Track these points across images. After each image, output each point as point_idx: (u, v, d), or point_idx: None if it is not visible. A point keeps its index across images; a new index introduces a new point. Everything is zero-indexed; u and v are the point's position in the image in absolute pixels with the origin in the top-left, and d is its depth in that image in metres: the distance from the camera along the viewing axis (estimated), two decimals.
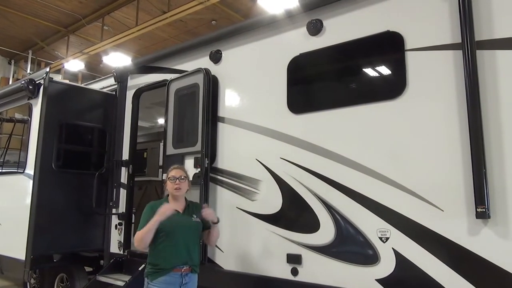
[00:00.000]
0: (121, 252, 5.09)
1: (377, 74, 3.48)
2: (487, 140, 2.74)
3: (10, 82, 15.90)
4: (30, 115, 5.36)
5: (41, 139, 4.95)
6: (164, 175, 3.35)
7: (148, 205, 3.23)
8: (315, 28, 3.71)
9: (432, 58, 3.05)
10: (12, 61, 17.07)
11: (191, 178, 4.20)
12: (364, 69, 3.54)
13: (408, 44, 3.17)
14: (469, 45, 2.84)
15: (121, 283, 4.43)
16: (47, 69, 5.26)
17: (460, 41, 2.89)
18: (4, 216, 5.59)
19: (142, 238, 2.99)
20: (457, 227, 2.78)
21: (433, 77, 3.04)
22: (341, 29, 3.58)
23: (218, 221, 3.33)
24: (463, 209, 2.78)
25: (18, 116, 6.23)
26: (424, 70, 3.08)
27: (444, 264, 2.79)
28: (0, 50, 15.99)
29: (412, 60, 3.14)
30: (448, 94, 2.94)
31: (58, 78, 5.58)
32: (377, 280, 3.07)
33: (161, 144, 7.78)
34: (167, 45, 13.26)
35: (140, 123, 5.63)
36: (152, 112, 8.07)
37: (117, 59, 13.36)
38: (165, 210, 2.99)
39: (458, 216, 2.79)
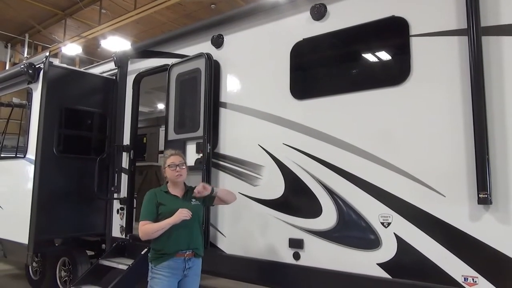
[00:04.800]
0: (123, 236, 5.13)
1: (381, 60, 3.46)
2: (490, 126, 2.75)
3: (7, 66, 15.76)
4: (30, 99, 5.32)
5: (42, 124, 4.92)
6: (161, 160, 3.32)
7: (149, 193, 3.22)
8: (319, 13, 3.67)
9: (437, 44, 3.04)
10: (9, 45, 16.88)
11: (193, 163, 4.27)
12: (368, 55, 3.52)
13: (413, 30, 3.15)
14: (475, 31, 2.83)
15: (123, 267, 4.47)
16: (47, 53, 5.20)
17: (465, 27, 2.89)
18: (6, 200, 5.60)
19: (152, 234, 3.01)
20: (458, 212, 2.82)
21: (437, 63, 3.03)
22: (345, 14, 3.55)
23: (214, 191, 3.28)
24: (465, 195, 2.80)
25: (16, 100, 6.19)
26: (428, 56, 3.07)
27: (446, 249, 2.83)
28: None
29: (417, 46, 3.12)
30: (452, 81, 2.94)
31: (55, 62, 5.51)
32: (378, 264, 3.11)
33: (161, 129, 7.82)
34: (165, 29, 13.16)
35: (139, 108, 5.61)
36: (151, 97, 8.03)
37: (115, 43, 13.21)
38: (185, 215, 3.00)
39: (460, 202, 2.82)
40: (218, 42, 4.45)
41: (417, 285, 2.91)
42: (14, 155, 5.70)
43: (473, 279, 2.71)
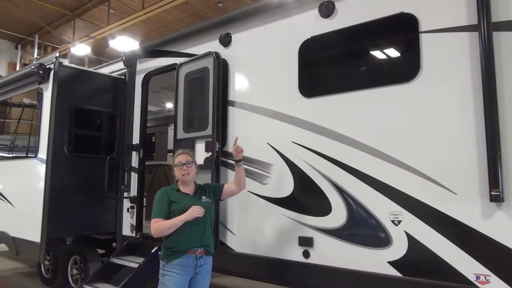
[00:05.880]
0: (134, 235, 5.17)
1: (390, 57, 3.44)
2: (502, 123, 2.72)
3: (17, 67, 15.94)
4: (40, 100, 5.37)
5: (53, 124, 4.97)
6: (171, 159, 3.34)
7: (160, 191, 3.25)
8: (327, 10, 3.66)
9: (447, 40, 3.01)
10: (19, 46, 17.06)
11: (202, 162, 4.28)
12: (377, 52, 3.50)
13: (423, 26, 3.12)
14: (486, 27, 2.79)
15: (134, 265, 4.51)
16: (57, 54, 5.25)
17: (476, 22, 2.85)
18: (18, 199, 5.68)
19: (164, 231, 3.04)
20: (470, 210, 2.79)
21: (448, 59, 3.00)
22: (354, 11, 3.52)
23: (240, 160, 3.39)
24: (476, 192, 2.78)
25: (26, 101, 6.26)
26: (438, 53, 3.04)
27: (457, 247, 2.80)
28: (6, 35, 15.99)
29: (427, 42, 3.09)
30: (463, 77, 2.91)
31: (65, 62, 5.56)
32: (389, 262, 3.10)
33: (169, 128, 7.86)
34: (173, 28, 13.20)
35: (148, 107, 5.63)
36: (160, 96, 8.08)
37: (124, 43, 13.30)
38: (198, 212, 3.03)
39: (472, 199, 2.79)
40: (226, 41, 4.45)
41: (428, 284, 2.89)
42: (25, 155, 5.78)
43: (485, 277, 2.69)
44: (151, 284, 3.84)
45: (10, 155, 6.28)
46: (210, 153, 4.26)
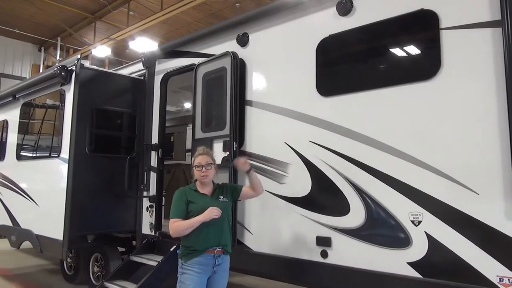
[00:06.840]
0: (153, 233, 5.24)
1: (410, 55, 3.38)
2: None
3: (41, 69, 16.35)
4: (63, 101, 5.50)
5: (75, 124, 5.07)
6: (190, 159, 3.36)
7: (178, 191, 3.27)
8: (345, 8, 3.62)
9: (469, 37, 2.94)
10: (42, 48, 17.50)
11: (219, 162, 4.30)
12: (396, 50, 3.45)
13: (443, 23, 3.06)
14: (510, 22, 2.71)
15: (153, 263, 4.57)
16: (78, 56, 5.37)
17: (499, 18, 2.78)
18: (41, 198, 5.83)
19: (183, 231, 3.07)
20: (493, 210, 2.72)
21: (470, 56, 2.93)
22: (372, 8, 3.48)
23: (250, 169, 3.38)
24: (499, 192, 2.71)
25: (49, 102, 6.42)
26: (460, 50, 2.97)
27: (479, 248, 2.74)
28: (30, 38, 16.43)
29: (448, 40, 3.03)
30: (485, 74, 2.83)
31: (86, 64, 5.66)
32: (408, 263, 3.05)
33: (188, 128, 7.93)
34: (192, 29, 13.31)
35: (167, 108, 5.69)
36: (178, 96, 8.15)
37: (143, 44, 13.49)
38: (216, 214, 3.05)
39: (494, 200, 2.72)
40: (243, 41, 4.46)
41: (449, 286, 2.84)
42: (48, 155, 5.92)
43: (509, 280, 2.62)
44: (170, 282, 3.88)
45: (34, 155, 6.45)
46: (228, 153, 4.28)
